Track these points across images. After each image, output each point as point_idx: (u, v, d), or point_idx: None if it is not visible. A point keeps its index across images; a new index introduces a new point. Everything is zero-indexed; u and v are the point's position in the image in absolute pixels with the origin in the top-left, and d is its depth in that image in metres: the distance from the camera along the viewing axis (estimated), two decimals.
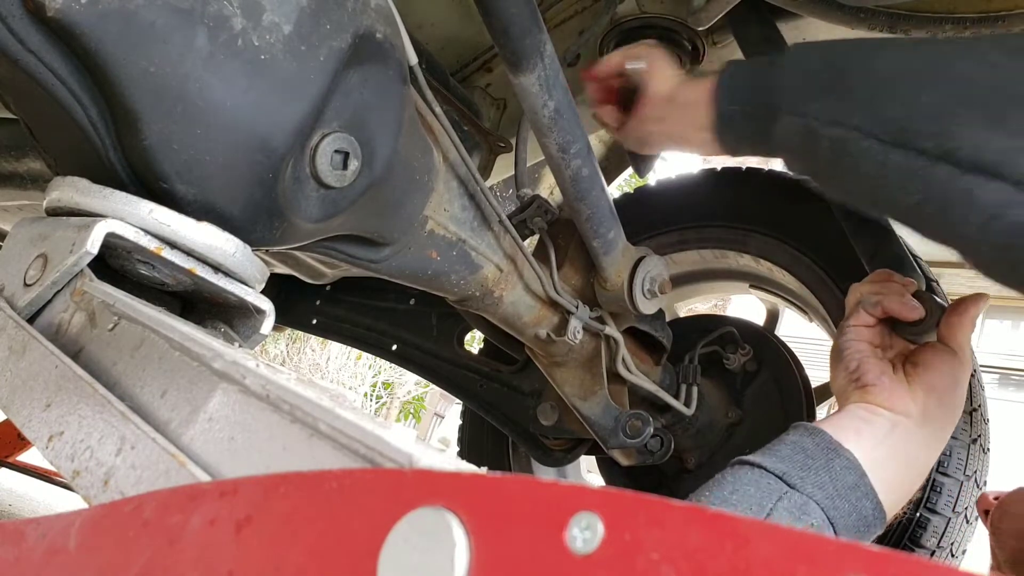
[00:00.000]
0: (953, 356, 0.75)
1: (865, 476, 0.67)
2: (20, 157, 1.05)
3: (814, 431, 0.71)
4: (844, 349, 0.78)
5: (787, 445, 0.70)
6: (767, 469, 0.67)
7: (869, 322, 0.78)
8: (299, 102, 0.59)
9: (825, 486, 0.66)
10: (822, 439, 0.69)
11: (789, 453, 0.68)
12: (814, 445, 0.69)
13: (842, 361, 0.78)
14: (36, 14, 0.50)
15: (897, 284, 0.80)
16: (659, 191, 1.39)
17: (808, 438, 0.70)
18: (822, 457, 0.68)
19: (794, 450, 0.69)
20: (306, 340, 10.40)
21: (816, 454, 0.68)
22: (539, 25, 0.72)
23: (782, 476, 0.66)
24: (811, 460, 0.67)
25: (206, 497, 0.33)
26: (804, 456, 0.68)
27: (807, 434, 0.70)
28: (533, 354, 1.14)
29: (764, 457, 0.69)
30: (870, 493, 0.67)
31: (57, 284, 0.52)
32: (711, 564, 0.22)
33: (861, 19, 1.07)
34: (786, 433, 0.72)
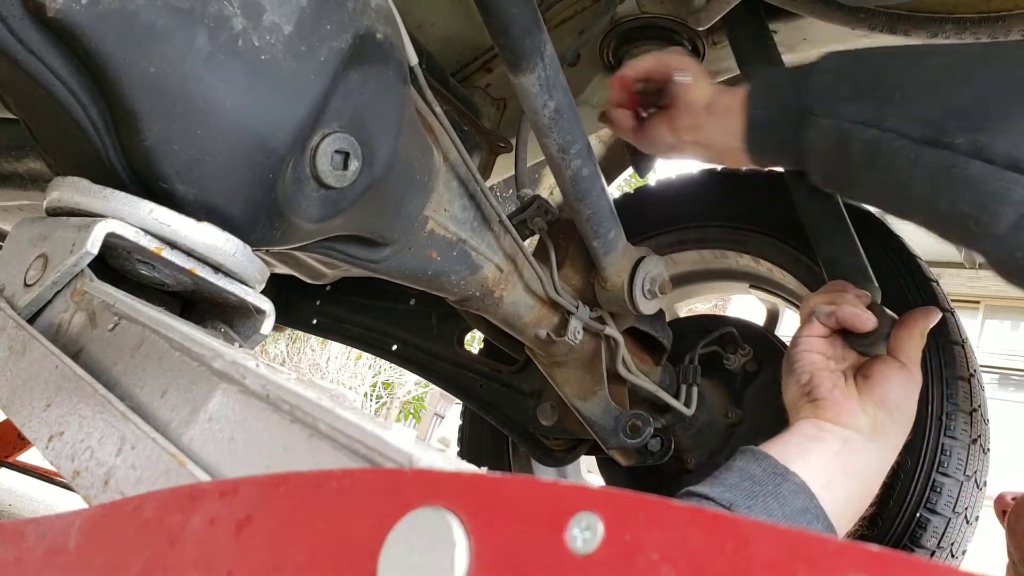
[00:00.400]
0: (903, 369, 0.76)
1: (814, 498, 0.67)
2: (20, 157, 1.05)
3: (760, 456, 0.70)
4: (796, 360, 0.78)
5: (734, 472, 0.69)
6: (714, 500, 0.67)
7: (822, 332, 0.79)
8: (299, 102, 0.59)
9: (774, 513, 0.65)
10: (769, 464, 0.69)
11: (736, 481, 0.68)
12: (761, 471, 0.69)
13: (794, 373, 0.78)
14: (36, 14, 0.50)
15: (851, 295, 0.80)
16: (659, 191, 1.39)
17: (755, 464, 0.69)
18: (770, 483, 0.67)
19: (741, 477, 0.68)
20: (306, 340, 10.40)
21: (764, 480, 0.68)
22: (539, 25, 0.72)
23: (729, 506, 0.66)
24: (758, 487, 0.67)
25: (206, 497, 0.33)
26: (751, 483, 0.67)
27: (753, 460, 0.70)
28: (533, 354, 1.14)
29: (711, 487, 0.68)
30: (820, 515, 0.67)
31: (57, 284, 0.52)
32: (711, 564, 0.22)
33: (861, 19, 1.07)
34: (733, 459, 0.72)
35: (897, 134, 0.68)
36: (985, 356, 7.44)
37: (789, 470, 0.68)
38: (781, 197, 1.23)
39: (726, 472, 0.70)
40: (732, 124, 0.83)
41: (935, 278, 1.09)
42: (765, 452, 0.71)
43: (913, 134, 0.67)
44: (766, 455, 0.70)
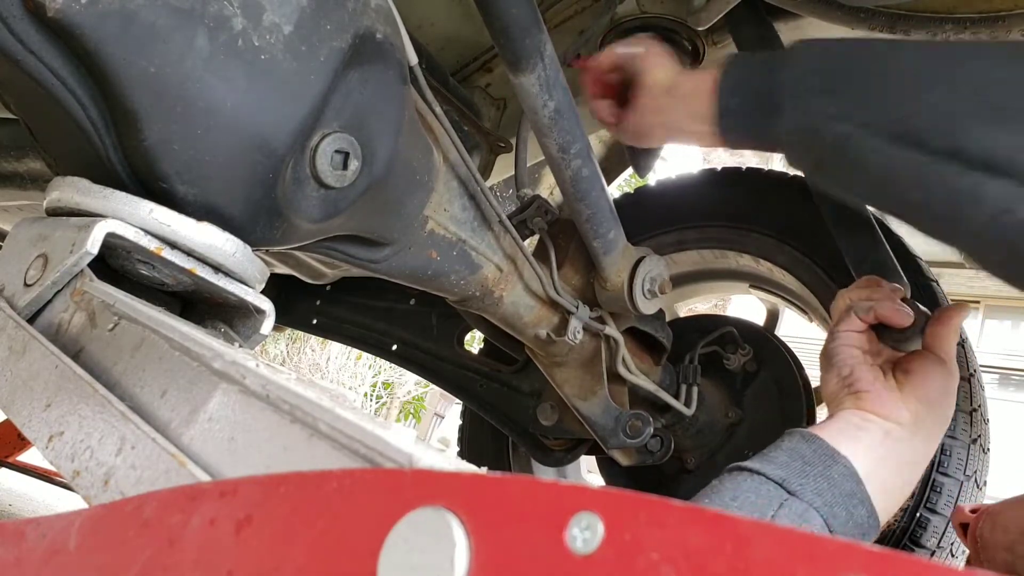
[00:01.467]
0: (942, 365, 0.76)
1: (861, 483, 0.67)
2: (20, 157, 1.05)
3: (810, 437, 0.70)
4: (836, 355, 0.78)
5: (784, 451, 0.69)
6: (767, 476, 0.67)
7: (860, 327, 0.78)
8: (299, 102, 0.59)
9: (824, 493, 0.66)
10: (819, 445, 0.69)
11: (787, 460, 0.68)
12: (811, 451, 0.69)
13: (834, 367, 0.78)
14: (36, 14, 0.50)
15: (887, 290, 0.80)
16: (659, 191, 1.39)
17: (805, 444, 0.70)
18: (820, 464, 0.68)
19: (792, 456, 0.68)
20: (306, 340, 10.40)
21: (814, 460, 0.68)
22: (539, 25, 0.72)
23: (782, 483, 0.66)
24: (809, 467, 0.67)
25: (206, 497, 0.33)
26: (802, 463, 0.68)
27: (803, 440, 0.70)
28: (533, 354, 1.14)
29: (762, 464, 0.68)
30: (866, 500, 0.67)
31: (57, 284, 0.52)
32: (711, 564, 0.22)
33: (861, 19, 1.07)
34: (781, 439, 0.72)
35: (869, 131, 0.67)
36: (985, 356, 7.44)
37: (839, 452, 0.69)
38: (781, 197, 1.23)
39: (775, 451, 0.70)
40: (699, 107, 0.82)
41: (935, 278, 1.09)
42: (814, 434, 0.71)
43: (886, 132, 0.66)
44: (816, 436, 0.71)
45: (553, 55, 0.75)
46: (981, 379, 1.07)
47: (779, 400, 1.21)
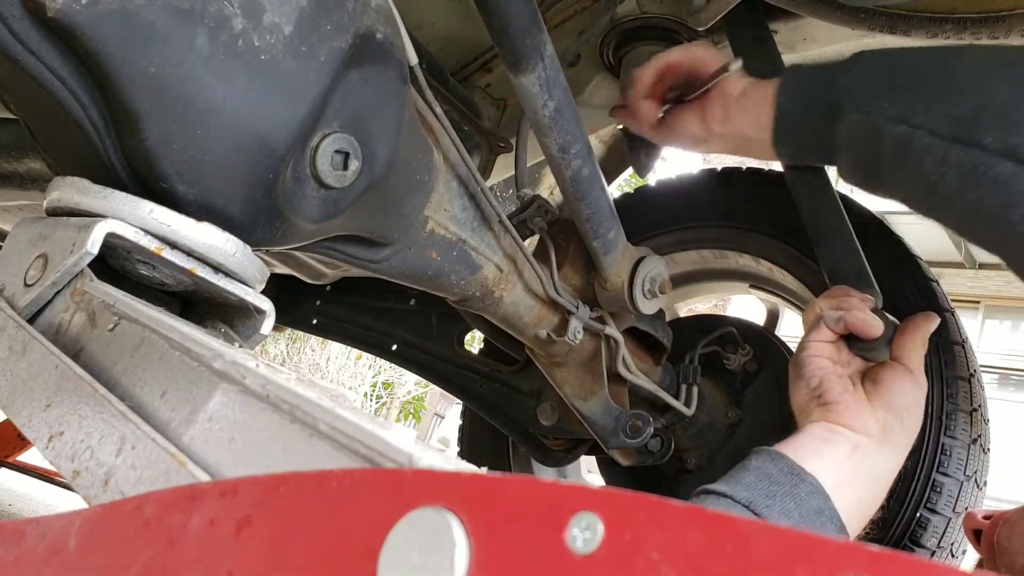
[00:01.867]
0: (910, 375, 0.76)
1: (829, 500, 0.67)
2: (20, 157, 1.05)
3: (776, 456, 0.70)
4: (805, 365, 0.78)
5: (750, 472, 0.69)
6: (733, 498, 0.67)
7: (830, 338, 0.79)
8: (299, 102, 0.59)
9: (791, 513, 0.66)
10: (785, 464, 0.69)
11: (753, 480, 0.68)
12: (778, 471, 0.69)
13: (803, 377, 0.78)
14: (36, 15, 0.50)
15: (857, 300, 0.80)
16: (659, 191, 1.39)
17: (771, 464, 0.70)
18: (787, 483, 0.68)
19: (758, 476, 0.68)
20: (306, 340, 10.40)
21: (780, 480, 0.68)
22: (539, 25, 0.72)
23: (748, 505, 0.66)
24: (775, 487, 0.67)
25: (206, 497, 0.33)
26: (768, 483, 0.68)
27: (769, 460, 0.70)
28: (533, 354, 1.14)
29: (730, 486, 0.68)
30: (834, 517, 0.67)
31: (57, 284, 0.52)
32: (711, 564, 0.22)
33: (861, 19, 1.07)
34: (747, 459, 0.72)
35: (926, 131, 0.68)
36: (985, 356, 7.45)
37: (805, 471, 0.69)
38: (781, 197, 1.23)
39: (742, 472, 0.70)
40: (762, 117, 0.84)
41: (935, 278, 1.09)
42: (780, 452, 0.71)
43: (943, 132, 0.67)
44: (782, 455, 0.71)
45: (553, 55, 0.75)
46: (981, 379, 1.07)
47: (779, 400, 1.20)
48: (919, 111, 0.70)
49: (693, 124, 0.92)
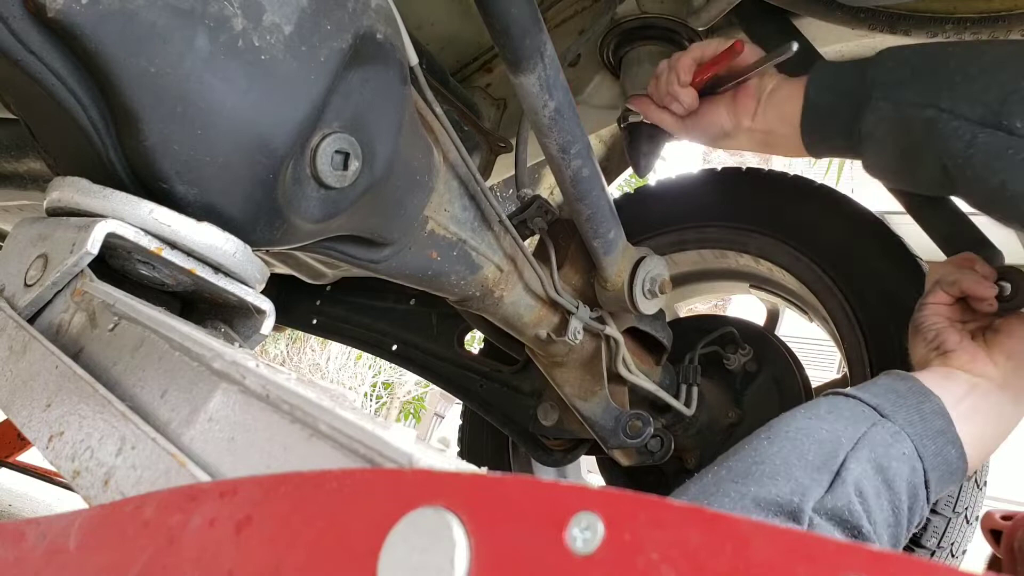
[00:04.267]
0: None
1: (952, 424, 0.69)
2: (20, 157, 1.05)
3: (905, 376, 0.73)
4: (922, 322, 0.80)
5: (879, 385, 0.72)
6: (860, 399, 0.69)
7: (946, 300, 0.80)
8: (300, 102, 0.59)
9: (915, 424, 0.67)
10: (914, 384, 0.71)
11: (882, 391, 0.70)
12: (906, 388, 0.71)
13: (920, 332, 0.80)
14: (37, 15, 0.50)
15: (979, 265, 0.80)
16: (659, 191, 1.39)
17: (900, 382, 0.72)
18: (913, 399, 0.69)
19: (886, 389, 0.70)
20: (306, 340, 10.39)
21: (907, 395, 0.70)
22: (539, 25, 0.72)
23: (876, 407, 0.68)
24: (902, 399, 0.69)
25: (206, 497, 0.33)
26: (896, 395, 0.70)
27: (899, 378, 0.72)
28: (533, 354, 1.14)
29: (858, 391, 0.70)
30: (956, 440, 0.68)
31: (57, 284, 0.52)
32: (711, 564, 0.22)
33: (861, 19, 1.07)
34: (877, 376, 0.74)
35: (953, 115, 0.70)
36: None
37: (932, 392, 0.70)
38: (781, 197, 1.23)
39: (871, 384, 0.72)
40: (791, 111, 0.85)
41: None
42: (908, 374, 0.73)
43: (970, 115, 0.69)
44: (911, 376, 0.73)
45: (553, 55, 0.75)
46: None
47: (779, 400, 1.21)
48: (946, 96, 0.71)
49: (722, 117, 0.92)
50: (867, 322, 1.09)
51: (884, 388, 0.71)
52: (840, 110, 0.81)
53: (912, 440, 0.66)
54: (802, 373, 1.23)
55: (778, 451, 0.64)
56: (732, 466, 0.65)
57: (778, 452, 0.64)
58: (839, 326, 1.13)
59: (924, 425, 0.68)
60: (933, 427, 0.68)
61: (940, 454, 0.67)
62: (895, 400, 0.69)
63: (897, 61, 0.78)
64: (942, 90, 0.72)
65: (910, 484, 0.65)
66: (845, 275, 1.13)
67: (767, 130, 0.90)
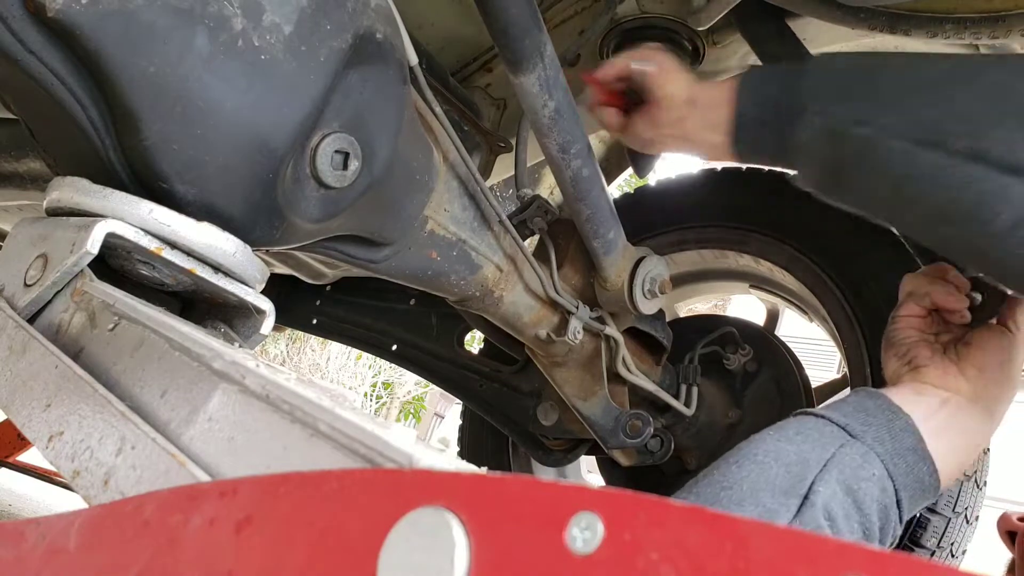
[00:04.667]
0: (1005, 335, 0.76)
1: (923, 441, 0.68)
2: (20, 157, 1.05)
3: (874, 394, 0.72)
4: (894, 335, 0.80)
5: (848, 404, 0.71)
6: (830, 419, 0.68)
7: (918, 312, 0.80)
8: (299, 102, 0.59)
9: (885, 442, 0.67)
10: (883, 401, 0.71)
11: (851, 410, 0.70)
12: (875, 406, 0.70)
13: (893, 347, 0.79)
14: (37, 15, 0.50)
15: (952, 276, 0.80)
16: (659, 191, 1.39)
17: (869, 400, 0.71)
18: (883, 416, 0.69)
19: (856, 408, 0.70)
20: (306, 340, 10.39)
21: (877, 413, 0.69)
22: (539, 25, 0.72)
23: (844, 427, 0.67)
24: (872, 418, 0.69)
25: (206, 497, 0.33)
26: (865, 414, 0.69)
27: (868, 396, 0.72)
28: (533, 354, 1.14)
29: (827, 410, 0.70)
30: (927, 458, 0.68)
31: (57, 284, 0.52)
32: (711, 564, 0.22)
33: (861, 19, 1.07)
34: (847, 395, 0.74)
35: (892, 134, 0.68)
36: None
37: (902, 409, 0.70)
38: (781, 197, 1.23)
39: (840, 403, 0.72)
40: (717, 118, 0.82)
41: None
42: (878, 391, 0.73)
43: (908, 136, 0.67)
44: (879, 393, 0.72)
45: (553, 55, 0.75)
46: None
47: (779, 400, 1.21)
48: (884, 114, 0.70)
49: (643, 128, 0.90)
50: (867, 322, 1.09)
51: (853, 407, 0.70)
52: (771, 124, 0.78)
53: (882, 460, 0.66)
54: (802, 373, 1.23)
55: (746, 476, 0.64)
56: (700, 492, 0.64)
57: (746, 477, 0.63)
58: (839, 326, 1.13)
59: (894, 443, 0.67)
60: (903, 445, 0.67)
61: (911, 472, 0.67)
62: (864, 419, 0.68)
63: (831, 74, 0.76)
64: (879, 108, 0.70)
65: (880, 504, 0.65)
66: (845, 275, 1.13)
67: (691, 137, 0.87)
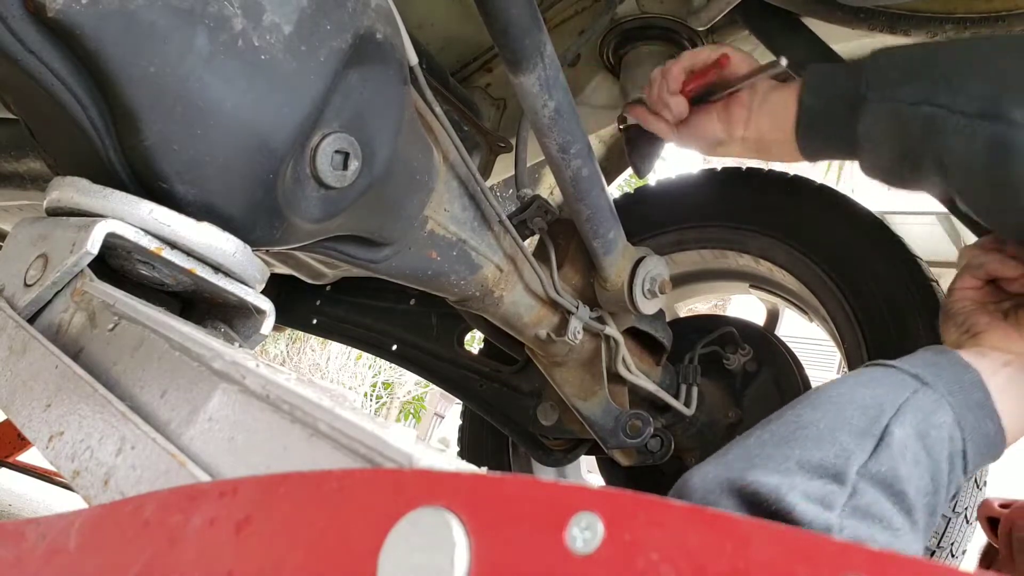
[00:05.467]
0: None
1: (990, 397, 0.69)
2: (20, 157, 1.05)
3: (942, 350, 0.73)
4: (951, 307, 0.80)
5: (918, 357, 0.72)
6: (903, 370, 0.68)
7: (974, 284, 0.80)
8: (299, 102, 0.59)
9: (956, 394, 0.67)
10: (952, 356, 0.71)
11: (921, 363, 0.70)
12: (945, 360, 0.71)
13: (951, 317, 0.80)
14: (37, 15, 0.50)
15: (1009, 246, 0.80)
16: (659, 191, 1.38)
17: (939, 355, 0.72)
18: (952, 371, 0.69)
19: (925, 362, 0.70)
20: (306, 340, 10.39)
21: (947, 367, 0.70)
22: (539, 25, 0.72)
23: (916, 375, 0.68)
24: (942, 370, 0.69)
25: (206, 497, 0.33)
26: (936, 367, 0.69)
27: (936, 352, 0.73)
28: (533, 354, 1.14)
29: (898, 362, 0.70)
30: (993, 414, 0.68)
31: (57, 284, 0.52)
32: (711, 564, 0.22)
33: (861, 19, 1.07)
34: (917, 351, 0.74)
35: (950, 110, 0.70)
36: None
37: (970, 365, 0.70)
38: (781, 197, 1.23)
39: (909, 357, 0.72)
40: (784, 117, 0.85)
41: (935, 278, 1.09)
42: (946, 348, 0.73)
43: (967, 109, 0.69)
44: (948, 349, 0.73)
45: (553, 55, 0.75)
46: None
47: (779, 400, 1.20)
48: (941, 92, 0.72)
49: (715, 126, 0.92)
50: (867, 322, 1.09)
51: (923, 361, 0.71)
52: (835, 114, 0.81)
53: (953, 409, 0.66)
54: (802, 373, 1.23)
55: (822, 416, 0.63)
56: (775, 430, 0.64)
57: (822, 417, 0.63)
58: (839, 326, 1.13)
59: (964, 396, 0.67)
60: (972, 399, 0.68)
61: (979, 426, 0.67)
62: (935, 371, 0.69)
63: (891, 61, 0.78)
64: (938, 86, 0.72)
65: (949, 454, 0.65)
66: (845, 275, 1.13)
67: (761, 138, 0.89)
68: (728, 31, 1.22)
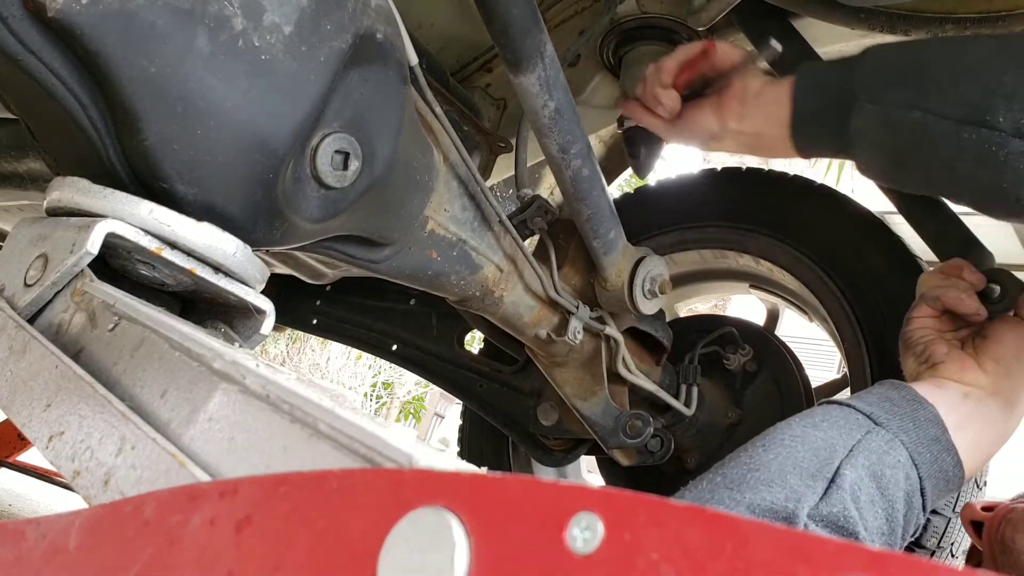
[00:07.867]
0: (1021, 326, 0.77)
1: (947, 432, 0.69)
2: (20, 157, 1.05)
3: (899, 385, 0.73)
4: (909, 336, 0.80)
5: (873, 394, 0.72)
6: (854, 408, 0.69)
7: (931, 313, 0.80)
8: (299, 102, 0.59)
9: (910, 431, 0.67)
10: (907, 392, 0.71)
11: (876, 400, 0.70)
12: (900, 396, 0.71)
13: (909, 347, 0.80)
14: (37, 14, 0.50)
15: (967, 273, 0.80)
16: (659, 191, 1.39)
17: (894, 390, 0.72)
18: (907, 407, 0.70)
19: (880, 398, 0.71)
20: (306, 340, 10.39)
21: (901, 404, 0.70)
22: (539, 25, 0.72)
23: (870, 415, 0.68)
24: (896, 407, 0.69)
25: (206, 497, 0.33)
26: (890, 404, 0.70)
27: (892, 387, 0.73)
28: (533, 354, 1.14)
29: (852, 399, 0.71)
30: (951, 448, 0.68)
31: (57, 284, 0.52)
32: (711, 564, 0.22)
33: (861, 19, 1.07)
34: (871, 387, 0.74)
35: (939, 115, 0.70)
36: None
37: (926, 400, 0.70)
38: (781, 197, 1.23)
39: (865, 393, 0.73)
40: (778, 113, 0.85)
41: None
42: (902, 383, 0.73)
43: (954, 115, 0.70)
44: (904, 384, 0.73)
45: (553, 55, 0.75)
46: None
47: (779, 400, 1.21)
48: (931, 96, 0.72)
49: (709, 120, 0.92)
50: (867, 322, 1.09)
51: (878, 397, 0.71)
52: (828, 112, 0.81)
53: (907, 448, 0.66)
54: (802, 373, 1.23)
55: (773, 458, 0.64)
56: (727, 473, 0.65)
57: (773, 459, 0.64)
58: (839, 326, 1.13)
59: (918, 433, 0.68)
60: (927, 435, 0.68)
61: (936, 462, 0.67)
62: (889, 408, 0.69)
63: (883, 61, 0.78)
64: (926, 90, 0.73)
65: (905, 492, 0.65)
66: (845, 275, 1.13)
67: (755, 132, 0.89)
68: (728, 31, 1.22)
